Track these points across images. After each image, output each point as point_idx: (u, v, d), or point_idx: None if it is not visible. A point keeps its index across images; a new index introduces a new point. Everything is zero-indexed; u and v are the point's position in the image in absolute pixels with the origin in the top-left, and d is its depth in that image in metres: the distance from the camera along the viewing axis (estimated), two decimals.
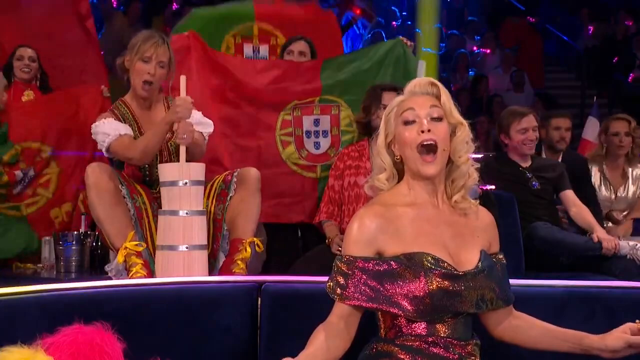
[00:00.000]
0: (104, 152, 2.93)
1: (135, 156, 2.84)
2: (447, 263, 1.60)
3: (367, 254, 1.61)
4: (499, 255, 1.74)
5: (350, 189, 3.46)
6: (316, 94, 3.75)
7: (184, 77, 2.81)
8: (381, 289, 1.58)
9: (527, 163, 3.81)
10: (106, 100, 3.79)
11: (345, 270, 1.61)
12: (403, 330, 1.61)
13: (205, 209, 2.78)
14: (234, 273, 2.71)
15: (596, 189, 4.07)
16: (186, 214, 2.64)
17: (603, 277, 3.32)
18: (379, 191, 1.73)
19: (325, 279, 1.67)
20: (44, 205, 3.70)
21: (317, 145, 3.74)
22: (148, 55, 2.88)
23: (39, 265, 3.53)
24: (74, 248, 3.33)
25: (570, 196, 3.77)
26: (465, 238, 1.68)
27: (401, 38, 3.95)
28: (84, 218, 3.63)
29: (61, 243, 3.34)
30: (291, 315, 1.89)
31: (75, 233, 3.42)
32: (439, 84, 1.72)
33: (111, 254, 2.91)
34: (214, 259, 2.85)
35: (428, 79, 1.73)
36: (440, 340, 1.60)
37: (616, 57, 8.94)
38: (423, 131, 1.64)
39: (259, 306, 1.92)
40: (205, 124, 2.99)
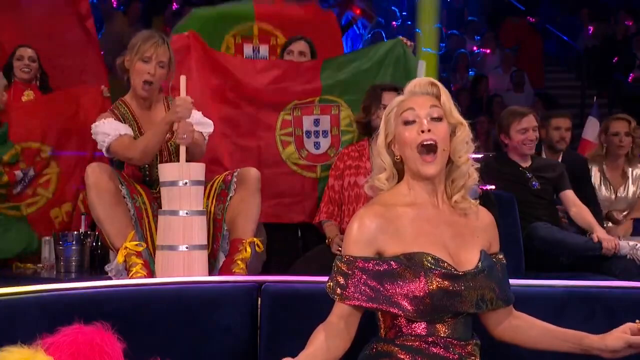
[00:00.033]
0: (104, 152, 2.93)
1: (135, 156, 2.84)
2: (447, 263, 1.60)
3: (367, 254, 1.61)
4: (499, 256, 1.74)
5: (350, 189, 3.46)
6: (316, 94, 3.75)
7: (183, 77, 2.81)
8: (381, 289, 1.58)
9: (527, 163, 3.81)
10: (106, 101, 3.79)
11: (345, 270, 1.61)
12: (403, 330, 1.61)
13: (205, 209, 2.78)
14: (234, 273, 2.71)
15: (596, 189, 4.07)
16: (186, 214, 2.64)
17: (603, 277, 3.32)
18: (379, 191, 1.73)
19: (325, 279, 1.67)
20: (44, 205, 3.70)
21: (317, 145, 3.74)
22: (148, 55, 2.88)
23: (39, 265, 3.52)
24: (74, 248, 3.33)
25: (570, 196, 3.77)
26: (465, 238, 1.68)
27: (401, 38, 3.95)
28: (84, 218, 3.63)
29: (61, 243, 3.34)
30: (291, 315, 1.89)
31: (75, 233, 3.42)
32: (439, 84, 1.72)
33: (111, 254, 2.90)
34: (214, 259, 2.85)
35: (428, 79, 1.73)
36: (440, 340, 1.60)
37: (616, 57, 8.94)
38: (423, 131, 1.65)
39: (259, 306, 1.92)
40: (205, 124, 2.99)
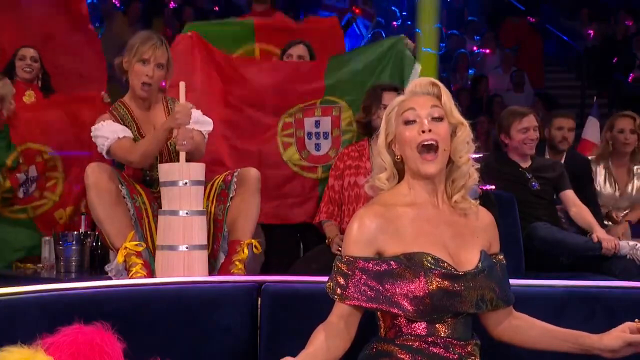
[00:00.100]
0: (104, 155, 2.94)
1: (135, 160, 2.86)
2: (447, 263, 1.60)
3: (367, 254, 1.61)
4: (499, 256, 1.74)
5: (350, 189, 3.46)
6: (319, 95, 3.74)
7: (183, 84, 2.80)
8: (381, 289, 1.58)
9: (527, 163, 3.80)
10: (106, 107, 3.78)
11: (346, 271, 1.61)
12: (403, 330, 1.61)
13: (205, 209, 2.78)
14: (233, 274, 2.72)
15: (600, 186, 4.06)
16: (186, 214, 2.64)
17: (603, 277, 3.32)
18: (380, 191, 1.73)
19: (325, 279, 1.67)
20: (51, 208, 3.73)
21: (318, 147, 3.75)
22: (146, 57, 2.88)
23: (39, 265, 3.52)
24: (74, 248, 3.32)
25: (570, 196, 3.77)
26: (465, 238, 1.68)
27: (403, 37, 3.94)
28: (84, 218, 3.63)
29: (61, 243, 3.33)
30: (291, 315, 1.89)
31: (75, 233, 3.42)
32: (440, 84, 1.72)
33: (111, 254, 2.90)
34: (214, 259, 2.85)
35: (429, 79, 1.73)
36: (440, 340, 1.60)
37: (616, 57, 8.94)
38: (424, 131, 1.64)
39: (259, 306, 1.92)
40: (204, 123, 2.99)
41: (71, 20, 4.41)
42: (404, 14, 10.41)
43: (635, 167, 4.09)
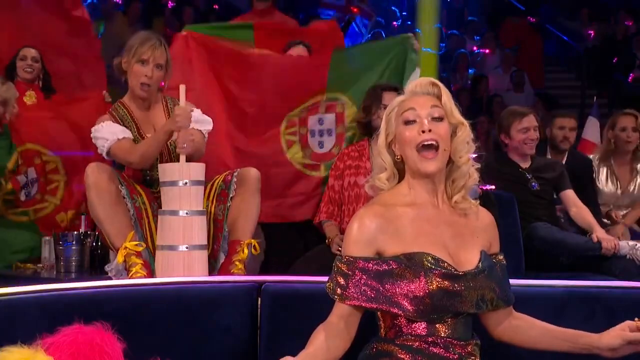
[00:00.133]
0: (104, 156, 2.94)
1: (135, 160, 2.86)
2: (447, 263, 1.60)
3: (367, 254, 1.61)
4: (499, 256, 1.74)
5: (350, 189, 3.46)
6: (322, 88, 3.72)
7: (183, 86, 2.80)
8: (381, 289, 1.58)
9: (527, 163, 3.80)
10: (108, 106, 3.78)
11: (346, 271, 1.61)
12: (403, 330, 1.61)
13: (205, 209, 2.78)
14: (233, 274, 2.72)
15: (602, 184, 4.05)
16: (186, 214, 2.64)
17: (603, 277, 3.32)
18: (380, 191, 1.73)
19: (325, 279, 1.67)
20: (52, 211, 3.73)
21: (322, 145, 3.74)
22: (145, 58, 2.88)
23: (39, 265, 3.52)
24: (74, 248, 3.32)
25: (570, 196, 3.77)
26: (465, 238, 1.68)
27: (412, 36, 3.93)
28: (84, 218, 3.62)
29: (61, 243, 3.33)
30: (291, 315, 1.89)
31: (75, 233, 3.41)
32: (440, 84, 1.72)
33: (111, 254, 2.90)
34: (214, 260, 2.85)
35: (429, 79, 1.73)
36: (440, 340, 1.60)
37: (616, 57, 8.94)
38: (424, 131, 1.64)
39: (259, 306, 1.92)
40: (204, 122, 2.99)
41: (73, 26, 4.40)
42: (404, 14, 10.42)
43: (638, 166, 4.09)
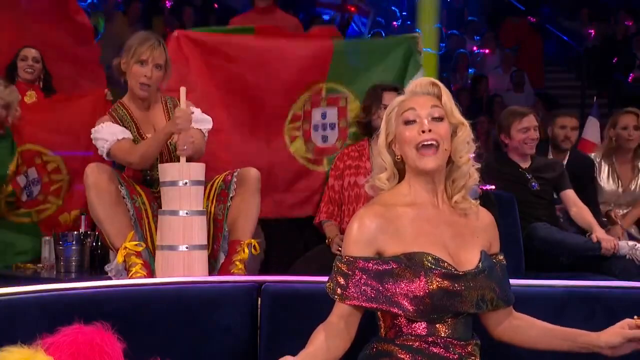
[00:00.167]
0: (104, 157, 2.94)
1: (135, 161, 2.86)
2: (447, 263, 1.60)
3: (367, 254, 1.61)
4: (499, 256, 1.74)
5: (350, 189, 3.46)
6: (323, 76, 3.71)
7: (183, 89, 2.80)
8: (381, 289, 1.58)
9: (527, 163, 3.80)
10: (109, 104, 3.78)
11: (346, 271, 1.61)
12: (403, 330, 1.61)
13: (205, 209, 2.78)
14: (233, 274, 2.72)
15: (604, 182, 4.05)
16: (186, 214, 2.64)
17: (603, 277, 3.32)
18: (380, 191, 1.73)
19: (325, 279, 1.67)
20: (55, 212, 3.72)
21: (325, 139, 3.74)
22: (144, 58, 2.88)
23: (39, 265, 3.52)
24: (74, 248, 3.32)
25: (571, 196, 3.77)
26: (465, 238, 1.68)
27: (418, 35, 3.92)
28: (84, 218, 3.62)
29: (61, 243, 3.33)
30: (291, 315, 1.89)
31: (75, 233, 3.41)
32: (440, 84, 1.72)
33: (111, 254, 2.91)
34: (214, 260, 2.85)
35: (429, 79, 1.73)
36: (441, 340, 1.60)
37: (616, 57, 8.93)
38: (424, 131, 1.64)
39: (259, 306, 1.92)
40: (204, 121, 2.99)
41: (75, 31, 4.40)
42: (404, 14, 10.41)
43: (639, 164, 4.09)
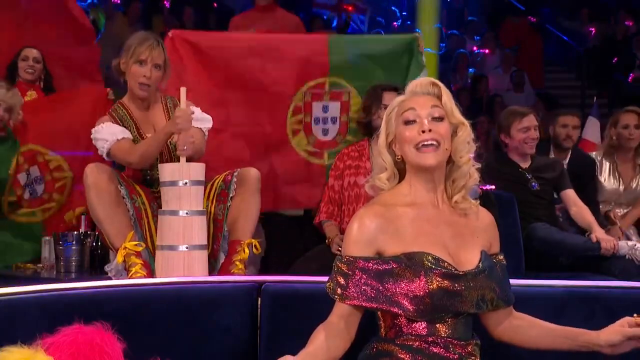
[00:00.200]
0: (104, 158, 2.94)
1: (134, 161, 2.86)
2: (448, 263, 1.60)
3: (367, 254, 1.61)
4: (499, 256, 1.74)
5: (350, 189, 3.46)
6: (324, 71, 3.70)
7: (184, 89, 2.80)
8: (381, 289, 1.58)
9: (527, 163, 3.80)
10: (110, 104, 3.78)
11: (346, 271, 1.61)
12: (403, 330, 1.61)
13: (205, 209, 2.78)
14: (233, 274, 2.72)
15: (605, 180, 4.05)
16: (186, 214, 2.64)
17: (602, 277, 3.33)
18: (380, 191, 1.73)
19: (325, 279, 1.67)
20: (59, 210, 3.72)
21: (325, 132, 3.74)
22: (143, 58, 2.88)
23: (39, 265, 3.52)
24: (74, 248, 3.32)
25: (571, 195, 3.77)
26: (465, 238, 1.68)
27: (417, 35, 3.93)
28: (83, 218, 3.62)
29: (61, 243, 3.33)
30: (291, 315, 1.88)
31: (75, 233, 3.41)
32: (440, 84, 1.72)
33: (111, 254, 2.91)
34: (214, 259, 2.85)
35: (429, 79, 1.74)
36: (441, 340, 1.60)
37: (616, 57, 8.93)
38: (424, 131, 1.64)
39: (259, 306, 1.92)
40: (204, 120, 2.99)
41: (75, 31, 4.39)
42: (404, 14, 10.42)
43: None
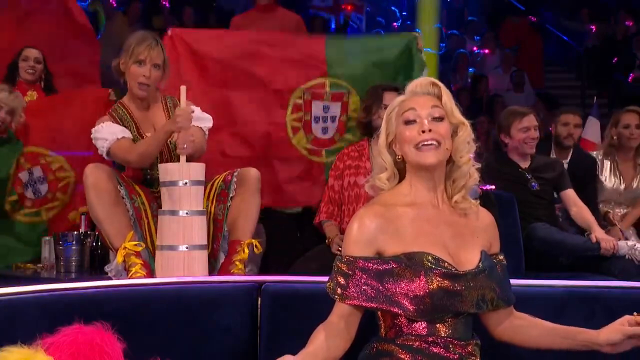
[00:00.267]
0: (104, 157, 2.94)
1: (133, 159, 2.86)
2: (448, 263, 1.60)
3: (367, 254, 1.61)
4: (499, 256, 1.74)
5: (350, 189, 3.46)
6: (322, 71, 3.71)
7: (184, 87, 2.80)
8: (382, 289, 1.58)
9: (527, 163, 3.80)
10: (111, 105, 3.77)
11: (346, 271, 1.61)
12: (403, 330, 1.61)
13: (205, 209, 2.78)
14: (233, 274, 2.72)
15: (606, 179, 4.05)
16: (186, 214, 2.64)
17: (602, 277, 3.33)
18: (380, 191, 1.73)
19: (325, 279, 1.67)
20: (63, 209, 3.72)
21: (324, 130, 3.75)
22: (142, 58, 2.88)
23: (39, 265, 3.51)
24: (74, 248, 3.31)
25: (571, 195, 3.77)
26: (465, 238, 1.68)
27: (416, 34, 3.93)
28: (83, 218, 3.61)
29: (61, 243, 3.33)
30: (291, 315, 1.89)
31: (75, 233, 3.41)
32: (440, 84, 1.72)
33: (111, 254, 2.90)
34: (214, 259, 2.85)
35: (429, 79, 1.74)
36: (441, 340, 1.60)
37: (616, 57, 8.93)
38: (424, 131, 1.64)
39: (259, 306, 1.92)
40: (204, 119, 3.00)
41: (75, 32, 4.39)
42: (404, 14, 10.42)
43: None
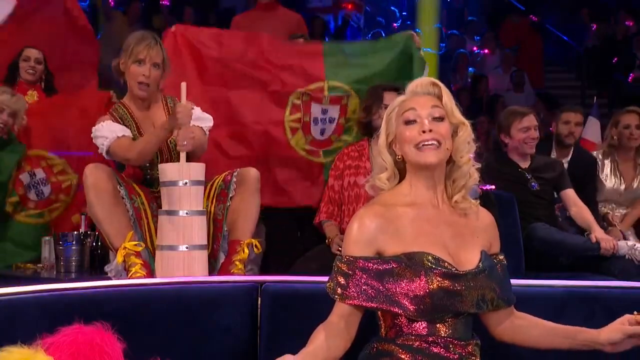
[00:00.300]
0: (104, 156, 2.94)
1: (133, 157, 2.85)
2: (448, 263, 1.60)
3: (368, 254, 1.61)
4: (499, 256, 1.74)
5: (350, 189, 3.46)
6: (319, 75, 3.72)
7: (184, 84, 2.80)
8: (382, 289, 1.58)
9: (527, 163, 3.80)
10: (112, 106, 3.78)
11: (346, 271, 1.61)
12: (404, 330, 1.61)
13: (205, 209, 2.78)
14: (233, 274, 2.72)
15: (607, 179, 4.05)
16: (186, 214, 2.64)
17: (602, 277, 3.33)
18: (380, 191, 1.73)
19: (325, 279, 1.67)
20: (65, 210, 3.72)
21: (322, 132, 3.75)
22: (142, 57, 2.88)
23: (39, 265, 3.51)
24: (74, 248, 3.32)
25: (571, 195, 3.77)
26: (465, 238, 1.68)
27: (412, 33, 3.93)
28: (83, 218, 3.62)
29: (61, 243, 3.33)
30: (291, 315, 1.89)
31: (75, 233, 3.41)
32: (440, 84, 1.72)
33: (111, 254, 2.90)
34: (214, 259, 2.85)
35: (430, 79, 1.74)
36: (441, 340, 1.60)
37: (616, 57, 8.93)
38: (424, 131, 1.65)
39: (259, 306, 1.92)
40: (204, 119, 3.00)
41: (77, 32, 4.39)
42: (404, 14, 10.43)
43: None
